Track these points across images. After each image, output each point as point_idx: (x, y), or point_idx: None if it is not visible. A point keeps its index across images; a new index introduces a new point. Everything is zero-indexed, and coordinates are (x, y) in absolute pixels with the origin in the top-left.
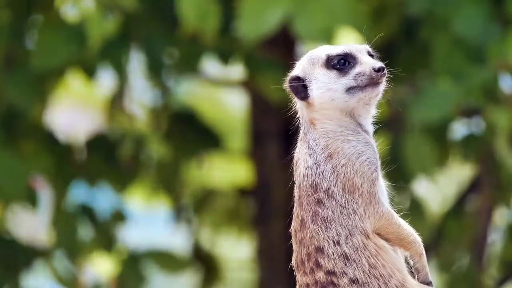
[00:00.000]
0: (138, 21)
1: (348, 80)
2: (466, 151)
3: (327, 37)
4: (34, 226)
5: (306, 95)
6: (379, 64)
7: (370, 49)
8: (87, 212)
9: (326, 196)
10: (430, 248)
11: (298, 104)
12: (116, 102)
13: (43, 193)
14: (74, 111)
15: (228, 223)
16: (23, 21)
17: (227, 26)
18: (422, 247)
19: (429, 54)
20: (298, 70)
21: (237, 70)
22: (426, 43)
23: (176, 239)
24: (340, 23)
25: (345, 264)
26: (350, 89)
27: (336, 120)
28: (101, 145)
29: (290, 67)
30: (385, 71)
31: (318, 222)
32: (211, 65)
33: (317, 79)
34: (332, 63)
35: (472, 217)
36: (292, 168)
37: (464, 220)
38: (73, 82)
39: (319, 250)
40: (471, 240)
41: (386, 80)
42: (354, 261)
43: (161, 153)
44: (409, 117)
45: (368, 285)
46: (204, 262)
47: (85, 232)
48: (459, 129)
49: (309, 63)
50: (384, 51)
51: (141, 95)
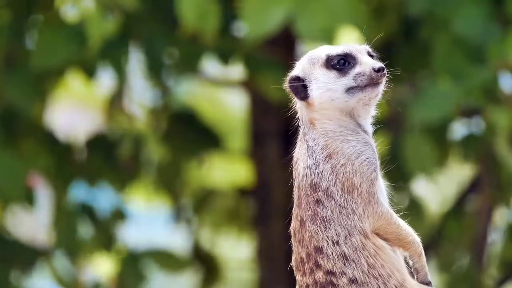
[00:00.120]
0: (138, 21)
1: (348, 80)
2: (466, 151)
3: (328, 37)
4: (34, 226)
5: (306, 95)
6: (379, 64)
7: (370, 49)
8: (87, 211)
9: (325, 196)
10: (430, 248)
11: (298, 104)
12: (116, 102)
13: (43, 193)
14: (74, 111)
15: (228, 223)
16: (23, 21)
17: (227, 26)
18: (421, 247)
19: (429, 54)
20: (298, 70)
21: (237, 70)
22: (426, 43)
23: (176, 239)
24: (341, 23)
25: (344, 264)
26: (350, 89)
27: (335, 120)
28: (101, 145)
29: (290, 67)
30: (385, 71)
31: (317, 222)
32: (211, 65)
33: (317, 79)
34: (332, 63)
35: (472, 217)
36: (292, 168)
37: (464, 220)
38: (73, 82)
39: (318, 250)
40: (471, 240)
41: (386, 80)
42: (353, 261)
43: (160, 153)
44: (409, 117)
45: (367, 285)
46: (204, 262)
47: (85, 231)
48: (459, 129)
49: (309, 63)
50: (384, 51)
51: (141, 95)
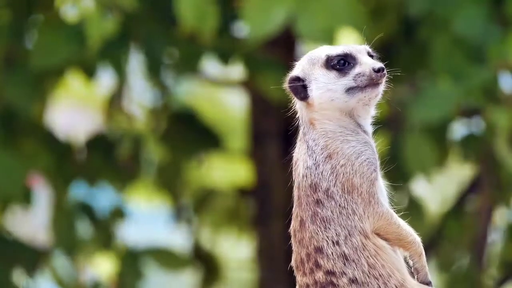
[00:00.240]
0: (138, 21)
1: (347, 80)
2: (466, 151)
3: (328, 37)
4: (34, 226)
5: (305, 95)
6: (379, 64)
7: (370, 50)
8: (86, 210)
9: (325, 196)
10: (430, 248)
11: (298, 104)
12: (116, 102)
13: (43, 193)
14: (74, 111)
15: (228, 223)
16: (23, 21)
17: (227, 26)
18: (422, 247)
19: (428, 54)
20: (297, 70)
21: (237, 70)
22: (426, 43)
23: (176, 238)
24: (341, 23)
25: (344, 264)
26: (349, 90)
27: (335, 120)
28: (100, 145)
29: (290, 67)
30: (385, 71)
31: (317, 222)
32: (211, 65)
33: (316, 80)
34: (332, 63)
35: (472, 217)
36: (292, 168)
37: (464, 220)
38: (73, 82)
39: (318, 250)
40: (471, 240)
41: (386, 81)
42: (353, 261)
43: (160, 153)
44: (409, 117)
45: (368, 285)
46: (204, 262)
47: (85, 230)
48: (459, 129)
49: (309, 63)
50: (383, 51)
51: (141, 95)
